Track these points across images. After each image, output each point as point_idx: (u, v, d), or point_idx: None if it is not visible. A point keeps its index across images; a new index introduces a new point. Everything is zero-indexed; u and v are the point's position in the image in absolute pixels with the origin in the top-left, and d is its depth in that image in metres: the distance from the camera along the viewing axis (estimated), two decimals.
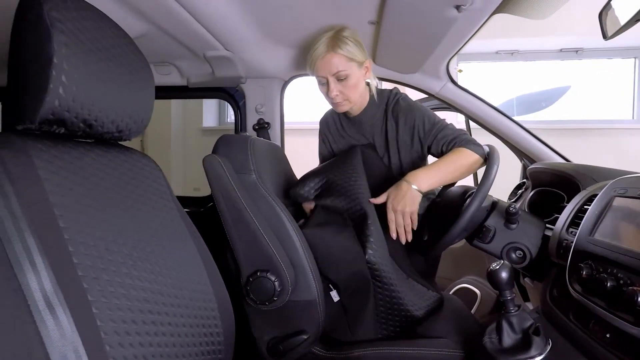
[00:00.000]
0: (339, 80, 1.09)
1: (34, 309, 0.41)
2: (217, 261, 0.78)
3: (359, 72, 1.11)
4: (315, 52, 1.08)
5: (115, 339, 0.51)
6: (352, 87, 1.10)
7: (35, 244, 0.43)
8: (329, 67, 1.07)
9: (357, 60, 1.09)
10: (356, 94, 1.13)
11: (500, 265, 0.78)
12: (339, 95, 1.11)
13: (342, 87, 1.10)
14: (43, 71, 0.50)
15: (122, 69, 0.63)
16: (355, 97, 1.13)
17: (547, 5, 0.92)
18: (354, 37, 1.08)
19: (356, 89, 1.11)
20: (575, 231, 0.80)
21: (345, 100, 1.12)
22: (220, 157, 0.88)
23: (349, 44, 1.06)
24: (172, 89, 1.53)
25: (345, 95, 1.11)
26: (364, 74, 1.13)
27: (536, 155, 1.36)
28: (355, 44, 1.08)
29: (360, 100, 1.17)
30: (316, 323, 0.91)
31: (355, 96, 1.13)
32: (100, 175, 0.60)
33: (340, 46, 1.05)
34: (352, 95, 1.12)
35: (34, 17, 0.51)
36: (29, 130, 0.53)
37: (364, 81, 1.15)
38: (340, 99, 1.12)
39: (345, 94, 1.11)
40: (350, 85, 1.09)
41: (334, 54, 1.06)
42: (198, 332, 0.66)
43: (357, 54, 1.08)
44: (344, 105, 1.14)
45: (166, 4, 0.92)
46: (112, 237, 0.56)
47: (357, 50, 1.08)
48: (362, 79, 1.13)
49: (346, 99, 1.12)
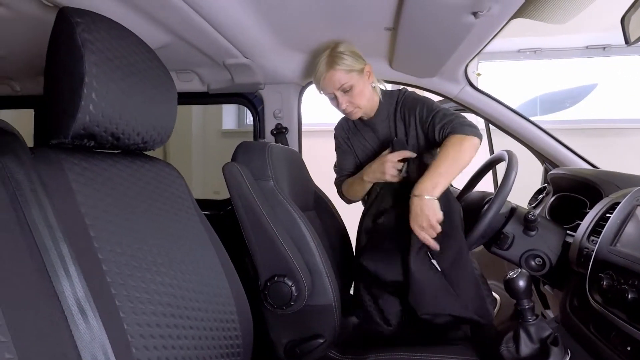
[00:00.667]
0: (345, 92, 1.15)
1: (67, 313, 0.44)
2: (235, 264, 0.80)
3: (362, 79, 1.16)
4: (318, 74, 1.15)
5: (141, 342, 0.53)
6: (359, 94, 1.16)
7: (69, 252, 0.46)
8: (332, 84, 1.13)
9: (356, 69, 1.14)
10: (364, 100, 1.18)
11: (518, 274, 0.78)
12: (349, 105, 1.16)
13: (350, 97, 1.15)
14: (75, 90, 0.53)
15: (147, 83, 0.66)
16: (364, 102, 1.18)
17: (568, 9, 0.90)
18: (349, 50, 1.14)
19: (363, 96, 1.17)
20: (596, 240, 0.79)
21: (356, 108, 1.17)
22: (239, 164, 0.91)
23: (345, 57, 1.12)
24: (194, 95, 1.57)
25: (354, 104, 1.17)
26: (367, 79, 1.18)
27: (558, 159, 1.33)
28: (351, 55, 1.14)
29: (370, 104, 1.21)
30: (332, 327, 0.93)
31: (364, 102, 1.18)
32: (126, 185, 0.63)
33: (337, 62, 1.12)
34: (361, 101, 1.17)
35: (68, 39, 0.55)
36: (62, 144, 0.57)
37: (369, 86, 1.19)
38: (352, 108, 1.17)
39: (354, 103, 1.16)
40: (356, 94, 1.15)
41: (334, 71, 1.12)
42: (218, 335, 0.69)
43: (354, 64, 1.14)
44: (357, 112, 1.19)
45: (187, 15, 0.95)
46: (138, 245, 0.59)
47: (354, 60, 1.14)
48: (367, 84, 1.18)
49: (356, 106, 1.17)
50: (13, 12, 0.92)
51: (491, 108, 1.36)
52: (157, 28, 1.03)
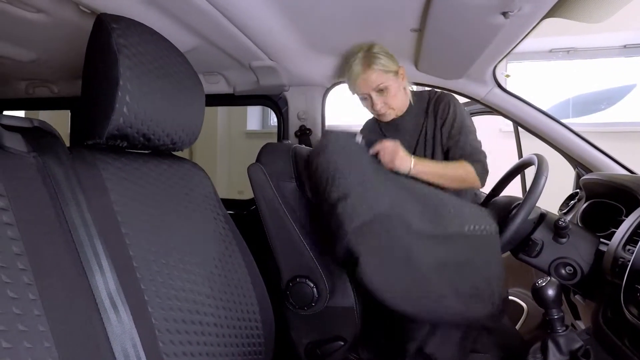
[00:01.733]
0: (380, 93, 1.15)
1: (100, 307, 0.46)
2: (258, 264, 0.82)
3: (397, 81, 1.16)
4: (353, 74, 1.14)
5: (167, 337, 0.55)
6: (393, 96, 1.16)
7: (103, 248, 0.49)
8: (368, 84, 1.13)
9: (392, 71, 1.14)
10: (398, 102, 1.18)
11: (547, 282, 0.75)
12: (383, 106, 1.16)
13: (385, 98, 1.15)
14: (110, 92, 0.56)
15: (176, 86, 0.68)
16: (398, 104, 1.18)
17: (605, 8, 0.86)
18: (383, 51, 1.14)
19: (397, 97, 1.17)
20: (633, 249, 0.75)
21: (389, 109, 1.18)
22: (264, 165, 0.92)
23: (381, 58, 1.12)
24: (220, 97, 1.61)
25: (388, 105, 1.17)
26: (401, 81, 1.18)
27: (592, 163, 1.28)
28: (387, 56, 1.14)
29: (403, 106, 1.21)
30: (353, 330, 0.93)
31: (398, 103, 1.18)
32: (156, 184, 0.66)
33: (374, 62, 1.12)
34: (395, 103, 1.17)
35: (104, 44, 0.57)
36: (97, 144, 0.60)
37: (402, 88, 1.19)
38: (385, 109, 1.17)
39: (389, 104, 1.16)
40: (391, 95, 1.15)
41: (371, 71, 1.12)
42: (240, 334, 0.70)
43: (390, 65, 1.14)
44: (389, 114, 1.19)
45: (216, 19, 0.98)
46: (166, 242, 0.61)
47: (390, 61, 1.14)
48: (401, 86, 1.18)
49: (390, 107, 1.17)
50: (52, 18, 0.97)
51: (520, 110, 1.32)
52: (186, 32, 1.07)
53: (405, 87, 1.21)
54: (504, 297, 0.93)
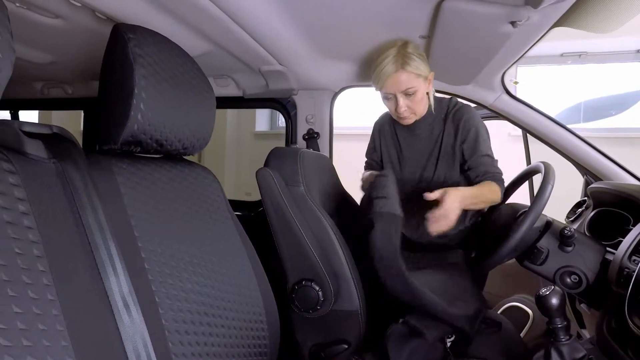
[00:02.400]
0: (408, 96, 1.11)
1: (114, 307, 0.48)
2: (264, 266, 0.83)
3: (425, 86, 1.13)
4: (384, 70, 1.08)
5: (177, 337, 0.57)
6: (419, 101, 1.13)
7: (116, 251, 0.51)
8: (398, 85, 1.09)
9: (423, 75, 1.10)
10: (422, 107, 1.16)
11: (551, 291, 0.75)
12: (407, 109, 1.13)
13: (410, 102, 1.12)
14: (126, 100, 0.58)
15: (189, 93, 0.70)
16: (421, 109, 1.16)
17: (615, 17, 0.86)
18: (418, 52, 1.09)
19: (422, 102, 1.14)
20: (638, 260, 0.75)
21: (412, 113, 1.15)
22: (272, 169, 0.94)
23: (415, 59, 1.07)
24: (230, 100, 1.63)
25: (412, 109, 1.14)
26: (428, 87, 1.15)
27: (600, 172, 1.27)
28: (420, 59, 1.09)
29: (424, 111, 1.19)
30: (357, 333, 0.94)
31: (421, 109, 1.16)
32: (167, 188, 0.68)
33: (408, 63, 1.07)
34: (419, 108, 1.15)
35: (121, 53, 0.60)
36: (112, 150, 0.62)
37: (427, 93, 1.17)
38: (408, 113, 1.14)
39: (413, 108, 1.13)
40: (417, 100, 1.12)
41: (404, 72, 1.07)
42: (247, 335, 0.72)
43: (423, 69, 1.09)
44: (411, 118, 1.16)
45: (227, 26, 1.00)
46: (176, 245, 0.63)
47: (423, 65, 1.10)
48: (426, 91, 1.15)
49: (413, 112, 1.15)
50: (69, 23, 1.00)
51: (528, 117, 1.32)
52: (198, 37, 1.09)
53: (430, 92, 1.19)
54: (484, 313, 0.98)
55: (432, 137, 1.21)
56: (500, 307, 1.59)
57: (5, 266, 0.39)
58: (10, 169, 0.43)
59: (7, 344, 0.36)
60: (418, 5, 0.91)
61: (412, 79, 1.08)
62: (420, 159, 1.23)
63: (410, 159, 1.24)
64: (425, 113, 1.19)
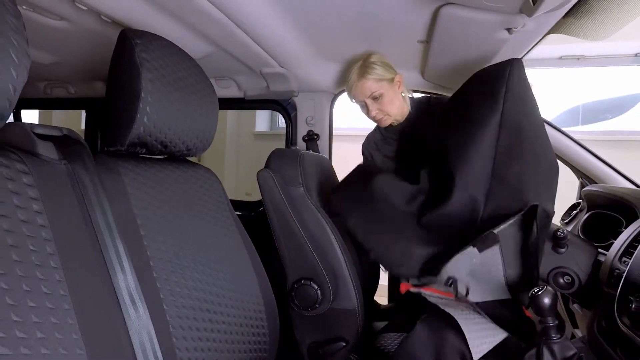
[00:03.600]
0: (375, 100, 1.20)
1: (121, 303, 0.50)
2: (265, 264, 0.85)
3: (392, 88, 1.21)
4: (350, 82, 1.21)
5: (180, 333, 0.59)
6: (388, 102, 1.21)
7: (124, 249, 0.53)
8: (363, 92, 1.19)
9: (386, 79, 1.19)
10: (394, 108, 1.22)
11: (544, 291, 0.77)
12: (378, 112, 1.22)
13: (379, 104, 1.21)
14: (133, 103, 0.60)
15: (192, 96, 0.72)
16: (394, 110, 1.22)
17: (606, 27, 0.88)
18: (380, 60, 1.19)
19: (393, 103, 1.21)
20: (628, 261, 0.77)
21: (385, 115, 1.22)
22: (272, 170, 0.96)
23: (376, 67, 1.17)
24: (231, 101, 1.65)
25: (384, 111, 1.22)
26: (397, 88, 1.22)
27: (595, 175, 1.29)
28: (382, 65, 1.19)
29: (401, 112, 1.25)
30: (355, 331, 0.96)
31: (394, 109, 1.22)
32: (171, 189, 0.70)
33: (368, 72, 1.17)
34: (391, 109, 1.22)
35: (128, 58, 0.62)
36: (118, 151, 0.64)
37: (399, 95, 1.23)
38: (381, 115, 1.22)
39: (384, 110, 1.21)
40: (386, 102, 1.20)
41: (365, 80, 1.18)
42: (247, 332, 0.74)
43: (384, 73, 1.19)
44: (386, 119, 1.23)
45: (230, 29, 1.02)
46: (180, 244, 0.65)
47: (384, 70, 1.19)
48: (397, 93, 1.22)
49: (386, 113, 1.22)
50: (75, 25, 1.02)
51: None
52: (201, 40, 1.11)
53: (404, 94, 1.25)
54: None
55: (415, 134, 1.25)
56: None
57: (20, 262, 0.41)
58: (24, 170, 0.45)
59: (23, 336, 0.38)
60: (416, 11, 0.93)
61: (373, 84, 1.18)
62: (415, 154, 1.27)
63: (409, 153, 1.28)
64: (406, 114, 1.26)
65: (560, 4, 0.73)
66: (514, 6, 0.77)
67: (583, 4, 0.78)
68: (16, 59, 0.40)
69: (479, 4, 0.80)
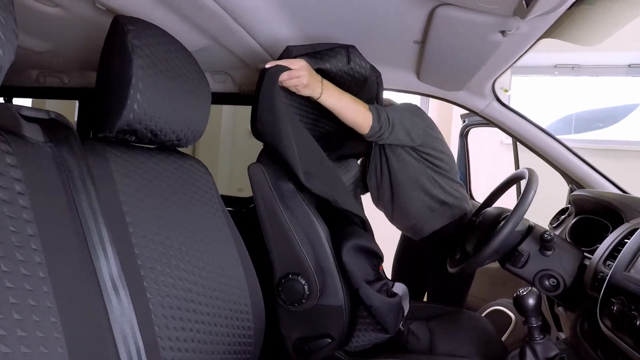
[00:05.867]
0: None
1: (103, 289, 0.50)
2: (254, 259, 0.85)
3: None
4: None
5: (163, 321, 0.59)
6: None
7: (107, 235, 0.52)
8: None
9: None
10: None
11: (528, 292, 0.78)
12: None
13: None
14: (123, 90, 0.60)
15: (185, 86, 0.72)
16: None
17: (601, 31, 0.90)
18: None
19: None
20: (611, 264, 0.78)
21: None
22: (264, 165, 0.96)
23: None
24: (226, 96, 1.65)
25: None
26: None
27: (584, 180, 1.31)
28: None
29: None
30: (341, 328, 0.96)
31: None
32: (160, 178, 0.69)
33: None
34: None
35: (120, 44, 0.61)
36: (107, 137, 0.63)
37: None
38: None
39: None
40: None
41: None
42: (232, 324, 0.74)
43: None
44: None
45: (226, 22, 1.02)
46: (166, 233, 0.65)
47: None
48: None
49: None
50: (69, 12, 1.01)
51: (517, 125, 1.36)
52: (197, 32, 1.10)
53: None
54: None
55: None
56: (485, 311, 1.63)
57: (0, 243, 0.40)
58: (7, 150, 0.45)
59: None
60: (412, 11, 0.94)
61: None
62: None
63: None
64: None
65: (553, 7, 0.74)
66: (507, 8, 0.78)
67: (576, 9, 0.79)
68: (3, 37, 0.40)
69: (473, 5, 0.81)
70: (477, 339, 0.99)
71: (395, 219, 1.39)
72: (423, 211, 1.28)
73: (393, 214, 1.36)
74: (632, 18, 0.78)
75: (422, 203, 1.27)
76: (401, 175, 1.26)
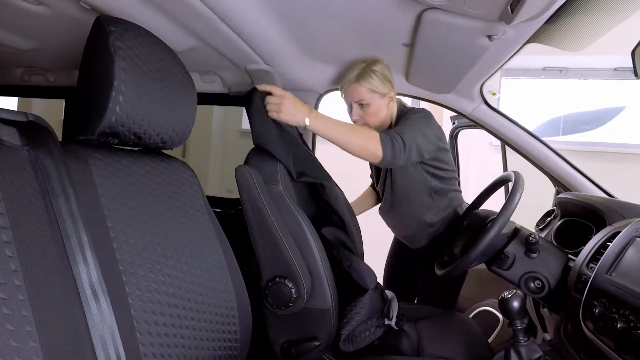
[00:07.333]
0: (361, 107, 1.21)
1: (82, 296, 0.49)
2: (241, 263, 0.84)
3: (381, 102, 1.21)
4: (345, 80, 1.21)
5: (145, 327, 0.58)
6: (372, 114, 1.22)
7: (88, 240, 0.51)
8: (352, 95, 1.21)
9: (379, 92, 1.19)
10: (375, 120, 1.23)
11: (513, 294, 0.79)
12: (359, 119, 1.23)
13: (363, 113, 1.22)
14: (105, 92, 0.59)
15: (170, 88, 0.71)
16: (375, 122, 1.24)
17: (583, 37, 0.91)
18: (382, 72, 1.19)
19: (376, 116, 1.23)
20: (594, 267, 0.79)
21: (365, 123, 1.23)
22: (251, 167, 0.95)
23: (374, 77, 1.17)
24: (215, 96, 1.63)
25: (364, 120, 1.23)
26: (387, 103, 1.23)
27: (570, 183, 1.32)
28: (381, 78, 1.18)
29: (381, 125, 1.26)
30: (329, 331, 0.96)
31: (375, 122, 1.23)
32: (143, 181, 0.68)
33: (365, 79, 1.17)
34: (371, 120, 1.23)
35: (102, 45, 0.60)
36: (89, 140, 0.62)
37: (385, 109, 1.24)
38: (360, 123, 1.24)
39: (364, 119, 1.23)
40: (370, 113, 1.21)
41: (358, 85, 1.18)
42: (217, 329, 0.73)
43: (380, 86, 1.19)
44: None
45: (214, 23, 1.01)
46: (150, 238, 0.64)
47: (381, 83, 1.19)
48: (384, 107, 1.23)
49: (365, 123, 1.23)
50: (53, 11, 0.99)
51: (505, 127, 1.37)
52: (185, 33, 1.09)
53: (392, 109, 1.26)
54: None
55: None
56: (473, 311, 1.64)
57: None
58: None
59: None
60: (401, 13, 0.94)
61: (365, 92, 1.19)
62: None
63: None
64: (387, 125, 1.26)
65: (537, 13, 0.74)
66: (493, 13, 0.78)
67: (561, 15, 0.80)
68: None
69: (460, 10, 0.81)
70: (464, 340, 0.99)
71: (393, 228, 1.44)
72: (421, 225, 1.30)
73: (392, 223, 1.41)
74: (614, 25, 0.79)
75: (420, 218, 1.29)
76: (402, 190, 1.28)
